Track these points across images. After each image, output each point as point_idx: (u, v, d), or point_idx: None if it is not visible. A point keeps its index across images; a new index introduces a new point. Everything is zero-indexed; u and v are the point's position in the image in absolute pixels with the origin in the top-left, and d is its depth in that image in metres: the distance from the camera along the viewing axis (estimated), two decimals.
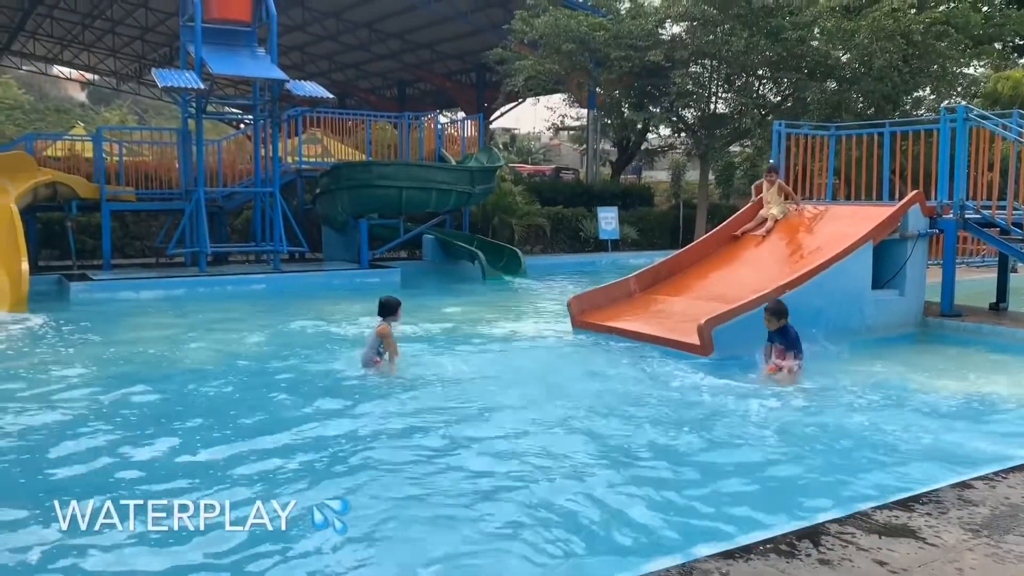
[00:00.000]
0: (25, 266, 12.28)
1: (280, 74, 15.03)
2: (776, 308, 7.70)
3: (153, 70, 15.90)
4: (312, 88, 15.77)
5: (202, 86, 14.49)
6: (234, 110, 28.96)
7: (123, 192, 16.90)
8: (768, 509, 4.60)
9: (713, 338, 8.19)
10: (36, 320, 11.01)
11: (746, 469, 5.31)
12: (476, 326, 10.88)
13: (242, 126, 31.12)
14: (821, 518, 3.91)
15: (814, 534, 3.62)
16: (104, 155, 16.88)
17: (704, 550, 3.59)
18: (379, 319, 7.97)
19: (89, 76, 53.47)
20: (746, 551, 3.43)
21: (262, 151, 16.81)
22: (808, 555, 3.38)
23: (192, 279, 14.86)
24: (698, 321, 8.35)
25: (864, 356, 8.69)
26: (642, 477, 5.10)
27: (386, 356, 7.91)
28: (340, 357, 8.68)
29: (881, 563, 3.31)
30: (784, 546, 3.47)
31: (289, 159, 18.93)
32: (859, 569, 3.25)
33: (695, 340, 8.30)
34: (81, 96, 69.98)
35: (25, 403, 6.82)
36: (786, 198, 11.34)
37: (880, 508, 3.95)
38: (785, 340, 7.59)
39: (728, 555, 3.38)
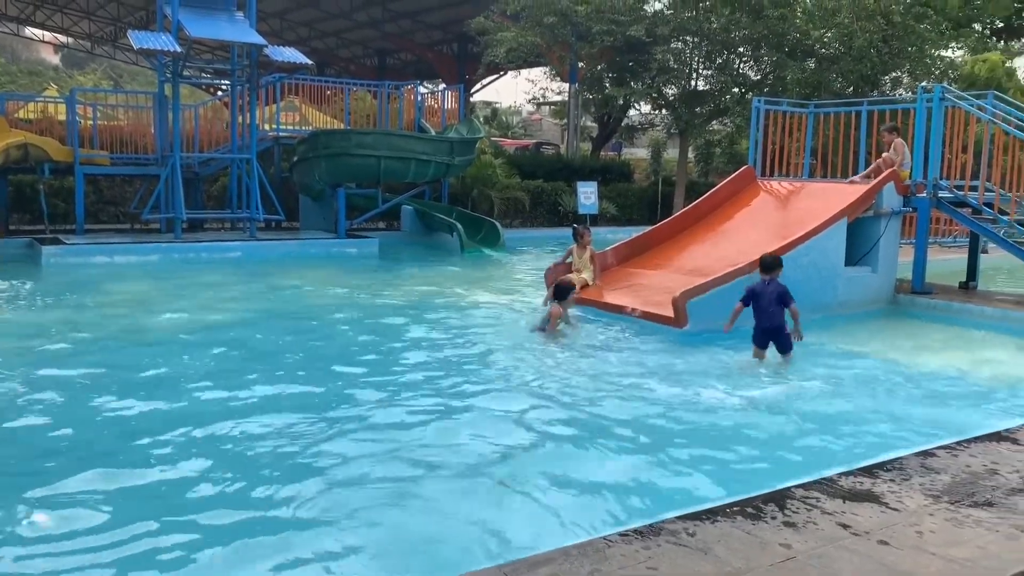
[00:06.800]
0: None
1: (258, 39, 14.82)
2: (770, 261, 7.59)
3: (129, 32, 15.63)
4: (291, 54, 15.56)
5: (178, 49, 14.26)
6: (211, 75, 28.52)
7: (97, 155, 16.64)
8: (736, 479, 4.67)
9: (688, 310, 8.25)
10: (3, 284, 10.87)
11: (715, 440, 5.38)
12: (451, 298, 10.88)
13: (219, 92, 30.67)
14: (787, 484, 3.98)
15: (780, 498, 3.68)
16: (78, 118, 16.61)
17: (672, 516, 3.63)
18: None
19: (63, 39, 52.41)
20: (712, 513, 3.49)
21: (239, 117, 16.62)
22: (774, 517, 3.45)
23: (167, 245, 14.74)
24: (673, 294, 8.41)
25: (835, 331, 8.81)
26: (611, 446, 5.15)
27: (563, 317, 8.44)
28: (312, 325, 8.68)
29: (844, 526, 3.38)
30: (750, 509, 3.54)
31: (266, 126, 18.73)
32: (823, 531, 3.32)
33: (670, 313, 8.37)
34: (55, 59, 68.75)
35: None
36: (595, 267, 10.07)
37: (845, 474, 4.03)
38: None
39: (695, 516, 3.44)
